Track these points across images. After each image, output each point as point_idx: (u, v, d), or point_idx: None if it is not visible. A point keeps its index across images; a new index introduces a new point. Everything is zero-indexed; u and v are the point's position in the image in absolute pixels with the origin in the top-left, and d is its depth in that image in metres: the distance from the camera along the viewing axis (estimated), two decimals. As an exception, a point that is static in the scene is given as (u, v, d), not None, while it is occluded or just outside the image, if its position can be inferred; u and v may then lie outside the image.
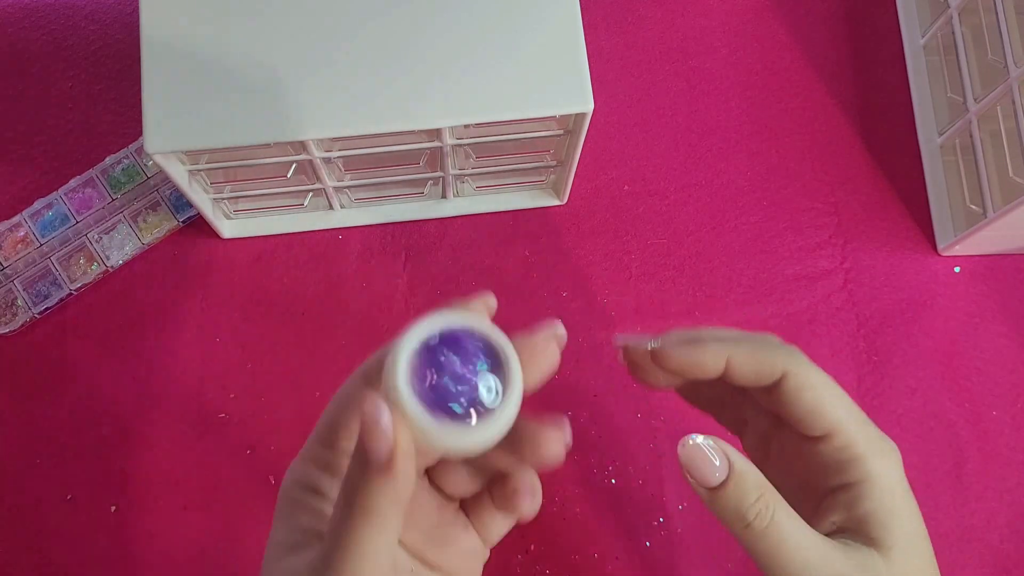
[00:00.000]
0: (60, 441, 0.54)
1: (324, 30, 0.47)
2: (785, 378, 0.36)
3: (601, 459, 0.55)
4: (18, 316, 0.55)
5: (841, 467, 0.36)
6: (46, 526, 0.53)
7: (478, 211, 0.59)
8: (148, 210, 0.57)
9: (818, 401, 0.36)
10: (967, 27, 0.57)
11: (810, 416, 0.36)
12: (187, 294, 0.57)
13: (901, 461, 0.37)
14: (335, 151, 0.50)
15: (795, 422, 0.37)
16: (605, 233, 0.59)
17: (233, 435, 0.55)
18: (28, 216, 0.57)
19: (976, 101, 0.55)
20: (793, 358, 0.37)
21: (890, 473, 0.36)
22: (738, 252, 0.59)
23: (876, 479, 0.35)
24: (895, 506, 0.35)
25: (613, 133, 0.61)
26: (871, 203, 0.60)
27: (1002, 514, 0.55)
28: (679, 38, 0.63)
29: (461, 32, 0.47)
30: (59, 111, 0.60)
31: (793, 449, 0.38)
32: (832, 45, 0.63)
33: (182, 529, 0.53)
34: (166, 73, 0.46)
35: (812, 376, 0.36)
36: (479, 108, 0.46)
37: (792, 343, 0.58)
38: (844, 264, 0.59)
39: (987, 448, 0.56)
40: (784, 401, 0.36)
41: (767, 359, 0.36)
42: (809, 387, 0.36)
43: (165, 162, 0.47)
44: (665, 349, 0.37)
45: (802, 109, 0.62)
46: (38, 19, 0.62)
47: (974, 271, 0.59)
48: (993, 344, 0.58)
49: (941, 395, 0.57)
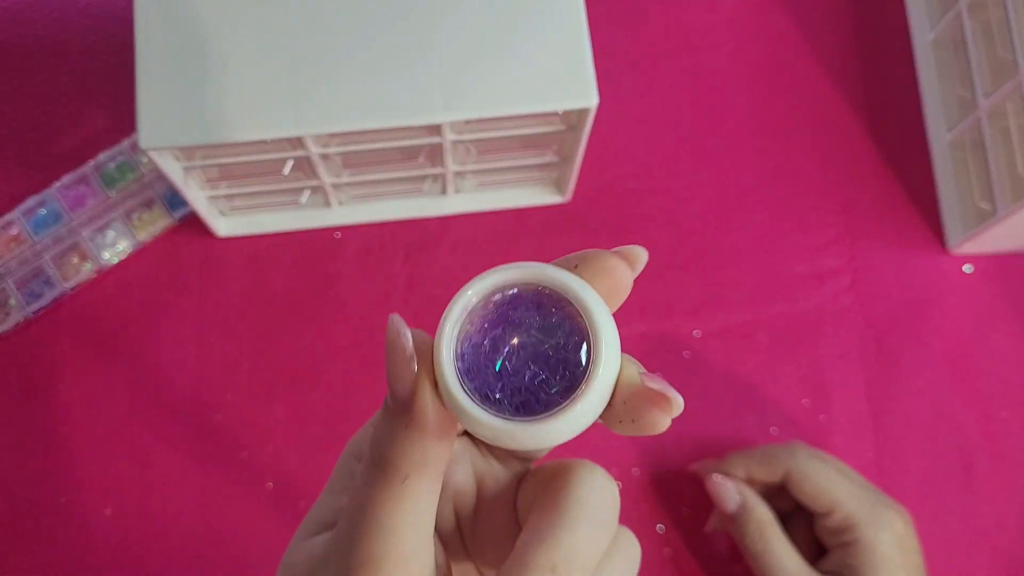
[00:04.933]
0: (54, 442, 0.54)
1: (321, 24, 0.47)
2: (788, 475, 0.49)
3: (604, 463, 0.54)
4: (11, 316, 0.55)
5: (840, 532, 0.48)
6: (40, 529, 0.53)
7: (479, 209, 0.58)
8: (142, 208, 0.57)
9: (816, 488, 0.48)
10: (976, 22, 0.56)
11: (812, 500, 0.48)
12: (182, 293, 0.56)
13: (903, 525, 0.48)
14: (333, 147, 0.49)
15: (805, 504, 0.49)
16: (609, 231, 0.58)
17: (228, 436, 0.54)
18: (21, 214, 0.56)
19: (986, 97, 0.54)
20: (793, 457, 0.49)
21: (880, 537, 0.47)
22: (745, 251, 0.58)
23: (866, 542, 0.47)
24: (874, 563, 0.47)
25: (617, 129, 0.60)
26: (880, 201, 0.59)
27: (1011, 515, 0.55)
28: (684, 33, 0.62)
29: (463, 26, 0.47)
30: (52, 107, 0.59)
31: (808, 521, 0.51)
32: (840, 40, 0.62)
33: (177, 532, 0.53)
34: (161, 68, 0.46)
35: (809, 468, 0.49)
36: (480, 103, 0.46)
37: (800, 343, 0.57)
38: (852, 263, 0.58)
39: (996, 449, 0.56)
40: (793, 492, 0.49)
41: (770, 463, 0.50)
42: (806, 478, 0.48)
43: (160, 158, 0.47)
44: (701, 470, 0.52)
45: (809, 105, 0.61)
46: (31, 14, 0.61)
47: (984, 270, 0.58)
48: (1003, 344, 0.57)
49: (950, 396, 0.56)
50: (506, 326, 0.23)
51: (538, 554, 0.24)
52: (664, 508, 0.54)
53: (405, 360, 0.23)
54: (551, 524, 0.24)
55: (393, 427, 0.23)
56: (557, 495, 0.25)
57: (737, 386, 0.56)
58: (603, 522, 0.25)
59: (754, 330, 0.57)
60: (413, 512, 0.24)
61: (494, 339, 0.23)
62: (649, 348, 0.56)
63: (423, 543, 0.24)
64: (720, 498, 0.50)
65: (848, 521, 0.48)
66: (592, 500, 0.25)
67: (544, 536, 0.24)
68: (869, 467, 0.55)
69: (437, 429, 0.23)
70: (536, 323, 0.23)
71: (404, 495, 0.23)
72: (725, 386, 0.56)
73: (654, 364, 0.56)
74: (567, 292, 0.22)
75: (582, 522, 0.24)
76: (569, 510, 0.24)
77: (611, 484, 0.26)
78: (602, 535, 0.25)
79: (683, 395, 0.22)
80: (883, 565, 0.47)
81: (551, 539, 0.24)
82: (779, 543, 0.48)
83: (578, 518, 0.24)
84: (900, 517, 0.48)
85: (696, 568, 0.54)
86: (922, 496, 0.55)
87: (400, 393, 0.23)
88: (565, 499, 0.25)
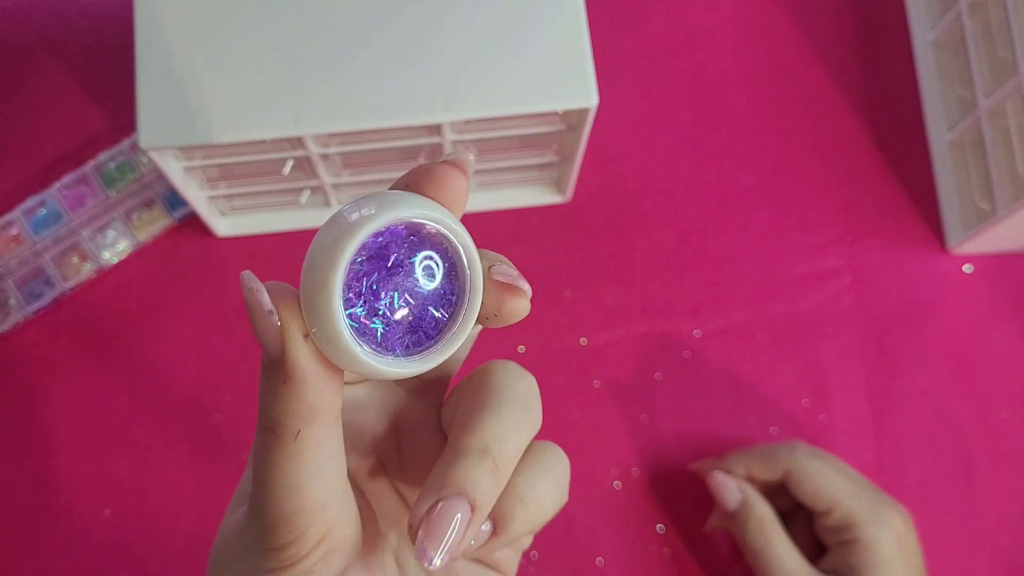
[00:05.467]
0: (53, 443, 0.54)
1: (321, 23, 0.47)
2: (788, 473, 0.49)
3: (604, 463, 0.54)
4: (11, 316, 0.55)
5: (840, 531, 0.48)
6: (39, 529, 0.52)
7: (479, 209, 0.58)
8: (142, 208, 0.57)
9: (815, 486, 0.48)
10: (976, 22, 0.56)
11: (811, 499, 0.48)
12: (181, 293, 0.56)
13: (903, 524, 0.48)
14: (333, 147, 0.49)
15: (805, 503, 0.49)
16: (609, 231, 0.58)
17: (228, 436, 0.54)
18: (21, 214, 0.56)
19: (986, 97, 0.54)
20: (793, 456, 0.49)
21: (880, 536, 0.47)
22: (745, 251, 0.58)
23: (866, 541, 0.47)
24: (874, 562, 0.46)
25: (617, 129, 0.60)
26: (880, 201, 0.59)
27: (1012, 516, 0.55)
28: (685, 32, 0.62)
29: (463, 26, 0.46)
30: (52, 107, 0.59)
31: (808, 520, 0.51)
32: (840, 40, 0.62)
33: (176, 532, 0.53)
34: (161, 68, 0.46)
35: (809, 466, 0.49)
36: (480, 103, 0.46)
37: (800, 343, 0.57)
38: (853, 263, 0.58)
39: (997, 450, 0.55)
40: (793, 491, 0.49)
41: (770, 462, 0.50)
42: (806, 477, 0.48)
43: (160, 158, 0.46)
44: (702, 469, 0.52)
45: (810, 105, 0.61)
46: (31, 14, 0.61)
47: (985, 270, 0.58)
48: (1003, 344, 0.57)
49: (950, 396, 0.56)
50: (381, 268, 0.23)
51: (468, 439, 0.25)
52: (664, 508, 0.54)
53: (266, 316, 0.22)
54: (475, 413, 0.25)
55: (272, 385, 0.23)
56: (476, 390, 0.26)
57: (737, 386, 0.56)
58: (524, 404, 0.26)
59: (754, 330, 0.57)
60: (314, 463, 0.23)
61: (373, 282, 0.23)
62: (649, 348, 0.56)
63: (335, 488, 0.24)
64: (721, 496, 0.50)
65: (848, 520, 0.48)
66: (510, 385, 0.26)
67: (471, 423, 0.25)
68: (869, 467, 0.55)
69: (317, 378, 0.23)
70: (406, 257, 0.23)
71: (301, 450, 0.23)
72: (725, 386, 0.56)
73: (654, 364, 0.56)
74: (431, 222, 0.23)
75: (503, 405, 0.26)
76: (491, 398, 0.26)
77: (525, 373, 0.27)
78: (525, 417, 0.26)
79: (683, 395, 0.23)
80: (883, 564, 0.47)
81: (478, 424, 0.25)
82: (780, 541, 0.48)
83: (500, 402, 0.26)
84: (900, 516, 0.48)
85: (696, 568, 0.53)
86: (922, 496, 0.54)
87: (270, 349, 0.22)
88: (485, 389, 0.26)
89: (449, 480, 0.24)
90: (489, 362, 0.27)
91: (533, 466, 0.26)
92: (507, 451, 0.25)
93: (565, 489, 0.27)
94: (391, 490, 0.29)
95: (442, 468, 0.24)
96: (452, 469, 0.24)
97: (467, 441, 0.25)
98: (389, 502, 0.29)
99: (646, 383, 0.56)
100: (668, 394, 0.55)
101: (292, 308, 0.22)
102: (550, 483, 0.26)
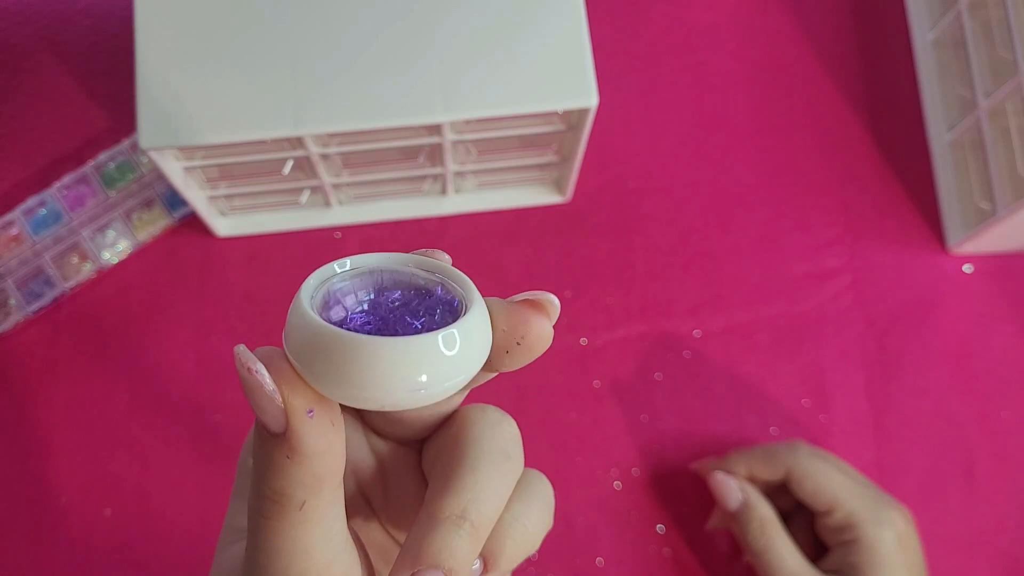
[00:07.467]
0: (53, 443, 0.54)
1: (321, 23, 0.47)
2: (790, 473, 0.49)
3: (605, 463, 0.54)
4: (11, 316, 0.55)
5: (842, 531, 0.48)
6: (39, 530, 0.52)
7: (479, 209, 0.58)
8: (142, 208, 0.57)
9: (817, 486, 0.48)
10: (976, 22, 0.56)
11: (813, 499, 0.49)
12: (181, 293, 0.56)
13: (904, 524, 0.48)
14: (333, 147, 0.49)
15: (806, 503, 0.49)
16: (609, 231, 0.58)
17: (227, 438, 0.54)
18: (21, 214, 0.56)
19: (986, 97, 0.54)
20: (794, 456, 0.49)
21: (881, 536, 0.47)
22: (745, 250, 0.58)
23: (867, 540, 0.47)
24: (875, 562, 0.47)
25: (617, 129, 0.60)
26: (880, 200, 0.59)
27: (1012, 516, 0.55)
28: (685, 32, 0.62)
29: (463, 25, 0.46)
30: (52, 107, 0.59)
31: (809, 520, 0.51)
32: (840, 40, 0.62)
33: (177, 532, 0.53)
34: (161, 68, 0.46)
35: (810, 466, 0.49)
36: (480, 103, 0.46)
37: (800, 343, 0.57)
38: (853, 262, 0.58)
39: (997, 450, 0.55)
40: (794, 490, 0.49)
41: (771, 462, 0.50)
42: (807, 476, 0.49)
43: (160, 158, 0.46)
44: (703, 469, 0.52)
45: (810, 105, 0.61)
46: (31, 13, 0.61)
47: (985, 270, 0.58)
48: (1004, 344, 0.57)
49: (951, 396, 0.56)
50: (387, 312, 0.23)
51: (446, 503, 0.23)
52: (664, 508, 0.54)
53: (268, 396, 0.21)
54: (452, 470, 0.24)
55: (274, 458, 0.22)
56: (454, 442, 0.25)
57: (737, 386, 0.56)
58: (504, 454, 0.24)
59: (754, 330, 0.57)
60: (319, 530, 0.23)
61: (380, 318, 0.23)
62: (649, 348, 0.56)
63: (339, 546, 0.24)
64: (722, 496, 0.50)
65: (849, 519, 0.48)
66: (488, 436, 0.25)
67: (448, 483, 0.24)
68: (870, 467, 0.55)
69: (323, 449, 0.22)
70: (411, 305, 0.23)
71: (307, 519, 0.22)
72: (725, 386, 0.56)
73: (654, 364, 0.56)
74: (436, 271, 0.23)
75: (482, 460, 0.24)
76: (468, 452, 0.24)
77: (505, 418, 0.26)
78: (505, 469, 0.24)
79: (683, 395, 0.22)
80: (884, 563, 0.47)
81: (456, 484, 0.24)
82: (781, 541, 0.48)
83: (478, 457, 0.24)
84: (901, 515, 0.48)
85: (696, 568, 0.53)
86: (922, 496, 0.54)
87: (272, 427, 0.21)
88: (463, 442, 0.24)
89: (424, 552, 0.23)
90: (466, 408, 0.26)
91: (519, 500, 0.25)
92: (486, 512, 0.24)
93: (551, 515, 0.26)
94: (378, 526, 0.28)
95: (417, 537, 0.23)
96: (427, 539, 0.23)
97: (443, 506, 0.23)
98: (377, 536, 0.28)
99: (646, 383, 0.56)
100: (668, 394, 0.55)
101: (294, 385, 0.21)
102: (536, 514, 0.25)
